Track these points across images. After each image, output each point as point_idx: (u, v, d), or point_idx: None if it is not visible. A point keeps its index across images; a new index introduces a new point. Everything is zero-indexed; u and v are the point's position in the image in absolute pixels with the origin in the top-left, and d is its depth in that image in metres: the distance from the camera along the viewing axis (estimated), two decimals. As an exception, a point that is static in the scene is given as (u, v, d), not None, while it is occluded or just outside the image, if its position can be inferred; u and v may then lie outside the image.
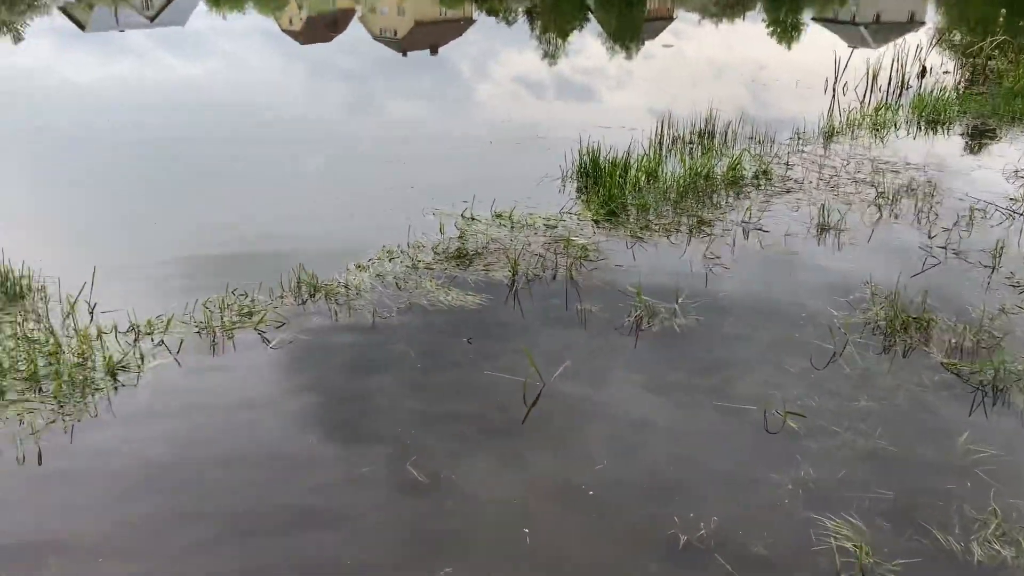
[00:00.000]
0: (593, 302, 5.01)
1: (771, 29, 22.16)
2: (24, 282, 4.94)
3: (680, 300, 4.99)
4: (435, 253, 5.66)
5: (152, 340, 4.52)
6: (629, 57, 16.75)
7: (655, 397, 4.16)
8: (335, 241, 5.90)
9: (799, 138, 8.62)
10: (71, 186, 7.14)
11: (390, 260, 5.54)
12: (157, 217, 6.40)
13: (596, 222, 6.21)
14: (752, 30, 22.15)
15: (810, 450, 3.72)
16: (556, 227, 6.10)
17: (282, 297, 5.02)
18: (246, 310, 4.83)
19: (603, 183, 6.68)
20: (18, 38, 18.73)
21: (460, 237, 5.90)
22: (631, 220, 6.27)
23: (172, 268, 5.43)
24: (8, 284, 4.90)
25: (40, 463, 3.59)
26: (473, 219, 6.22)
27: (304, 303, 4.98)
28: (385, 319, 4.82)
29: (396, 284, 5.22)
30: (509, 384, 4.19)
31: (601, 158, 7.03)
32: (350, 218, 6.41)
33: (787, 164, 7.71)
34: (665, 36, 20.19)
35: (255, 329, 4.66)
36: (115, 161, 7.88)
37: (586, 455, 3.74)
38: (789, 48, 18.37)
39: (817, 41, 18.79)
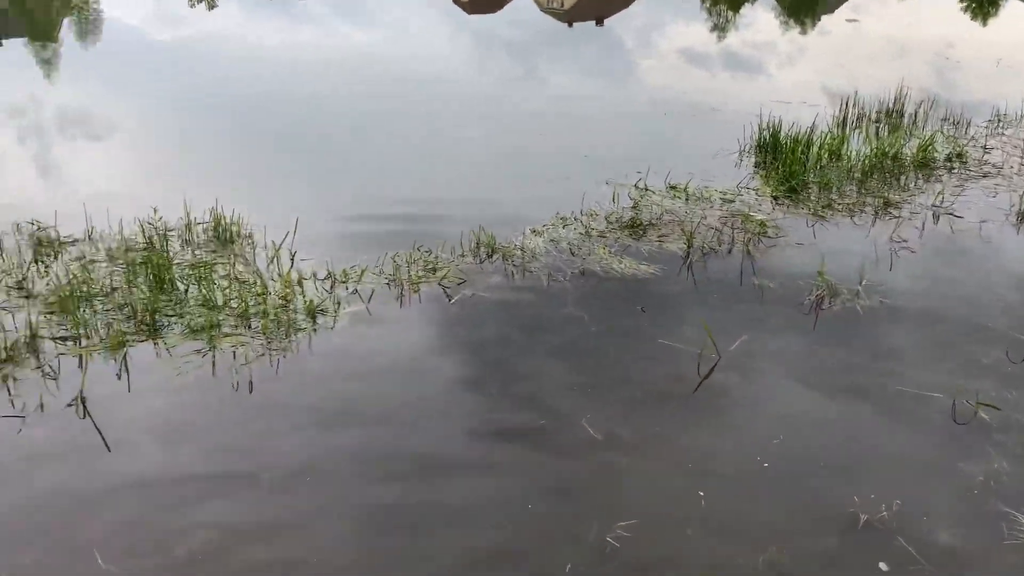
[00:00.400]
0: (771, 278, 4.94)
1: (964, 4, 20.60)
2: (234, 228, 5.38)
3: (864, 281, 4.84)
4: (608, 222, 5.73)
5: (346, 288, 4.84)
6: (804, 32, 16.06)
7: (835, 377, 4.08)
8: (510, 206, 6.07)
9: (999, 120, 8.05)
10: (267, 144, 7.66)
11: (564, 226, 5.66)
12: (344, 176, 6.78)
13: (775, 198, 6.09)
14: (943, 4, 20.67)
15: (1005, 444, 3.56)
16: (733, 201, 6.03)
17: (462, 256, 5.24)
18: (430, 266, 5.08)
19: (783, 159, 6.52)
20: (212, 4, 20.10)
21: (634, 207, 5.94)
22: (812, 198, 6.10)
23: (361, 223, 5.74)
24: (220, 230, 5.36)
25: (251, 391, 3.95)
26: (647, 190, 6.24)
27: (482, 263, 5.18)
28: (559, 283, 4.95)
29: (570, 250, 5.33)
30: (683, 354, 4.23)
31: (781, 134, 6.85)
32: (524, 184, 6.57)
33: (984, 147, 7.24)
34: (845, 11, 19.17)
35: (439, 284, 4.90)
36: (302, 122, 8.35)
37: (761, 429, 3.73)
38: (985, 24, 17.05)
39: (1019, 17, 17.34)
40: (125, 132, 7.85)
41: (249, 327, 4.40)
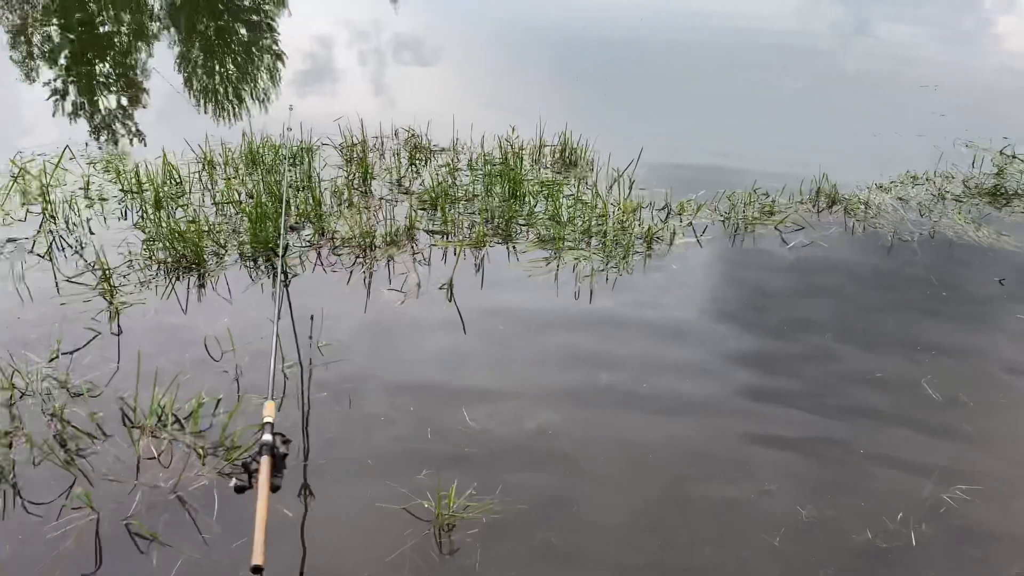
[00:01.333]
0: None
1: None
2: (578, 152, 5.72)
3: None
4: (965, 186, 5.32)
5: (681, 220, 4.99)
6: None
7: None
8: (855, 158, 5.84)
9: None
10: (599, 82, 7.93)
11: (913, 186, 5.35)
12: (678, 117, 6.86)
13: None
14: None
15: None
16: (1123, 180, 5.33)
17: (801, 203, 5.16)
18: (766, 209, 5.07)
19: None
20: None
21: (997, 174, 5.46)
22: None
23: (691, 166, 5.80)
24: (566, 153, 5.72)
25: (590, 302, 4.26)
26: (1014, 157, 5.69)
27: (820, 212, 5.08)
28: (906, 243, 4.73)
29: (919, 210, 5.05)
30: (1043, 333, 3.90)
31: None
32: (872, 138, 6.26)
33: None
34: None
35: (775, 227, 4.89)
36: (632, 64, 8.44)
37: None
38: None
39: None
40: (478, 57, 8.54)
41: (589, 244, 4.71)
